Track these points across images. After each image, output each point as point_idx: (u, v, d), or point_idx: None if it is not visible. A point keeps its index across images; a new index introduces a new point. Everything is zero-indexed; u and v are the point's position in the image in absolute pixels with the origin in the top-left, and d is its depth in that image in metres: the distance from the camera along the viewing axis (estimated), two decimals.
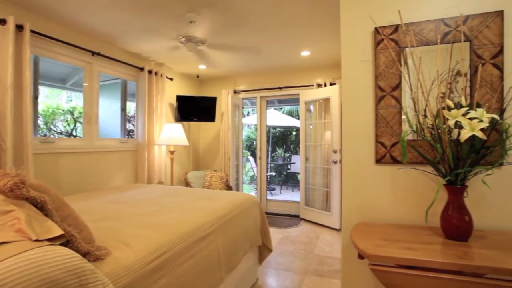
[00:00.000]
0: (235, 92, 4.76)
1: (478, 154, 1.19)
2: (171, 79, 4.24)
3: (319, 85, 4.16)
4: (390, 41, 1.52)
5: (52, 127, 4.10)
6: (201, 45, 3.17)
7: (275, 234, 3.59)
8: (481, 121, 1.11)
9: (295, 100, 5.29)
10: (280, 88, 4.49)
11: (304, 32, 2.95)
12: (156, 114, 3.77)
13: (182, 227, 1.47)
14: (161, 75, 3.86)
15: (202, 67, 4.22)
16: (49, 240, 0.85)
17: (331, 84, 4.02)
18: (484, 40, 1.39)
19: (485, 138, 1.11)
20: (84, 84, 3.04)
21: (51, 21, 2.64)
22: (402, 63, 1.50)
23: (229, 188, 4.38)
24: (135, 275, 1.06)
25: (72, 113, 4.27)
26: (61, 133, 4.16)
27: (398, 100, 1.50)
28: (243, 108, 5.05)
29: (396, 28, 1.51)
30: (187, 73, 4.65)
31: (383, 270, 1.04)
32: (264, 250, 2.47)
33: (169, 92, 4.23)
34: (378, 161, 1.53)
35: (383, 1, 1.56)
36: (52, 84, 3.76)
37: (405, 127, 1.48)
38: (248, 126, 9.02)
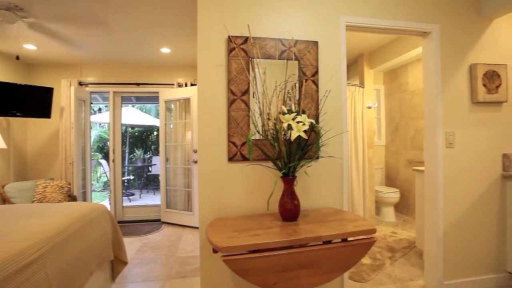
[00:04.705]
0: (80, 84, 4.00)
1: (303, 150, 1.50)
2: None
3: (180, 85, 4.11)
4: (240, 50, 1.68)
5: None
6: (28, 18, 2.47)
7: (133, 244, 3.27)
8: (304, 124, 1.41)
9: (154, 98, 5.01)
10: (137, 84, 4.13)
11: (163, 26, 2.81)
12: None
13: None
14: None
15: (30, 47, 3.30)
16: None
17: (192, 85, 4.06)
18: (307, 62, 1.76)
19: (306, 137, 1.42)
20: None
21: None
22: (251, 71, 1.69)
23: (72, 198, 3.64)
24: None
25: None
26: None
27: (247, 104, 1.68)
28: (91, 103, 4.32)
29: (246, 39, 1.69)
30: (2, 52, 3.51)
31: (232, 259, 1.14)
32: (118, 264, 2.19)
33: None
34: (231, 159, 1.66)
35: (236, 12, 1.70)
36: None
37: (253, 128, 1.67)
38: (101, 124, 7.82)
